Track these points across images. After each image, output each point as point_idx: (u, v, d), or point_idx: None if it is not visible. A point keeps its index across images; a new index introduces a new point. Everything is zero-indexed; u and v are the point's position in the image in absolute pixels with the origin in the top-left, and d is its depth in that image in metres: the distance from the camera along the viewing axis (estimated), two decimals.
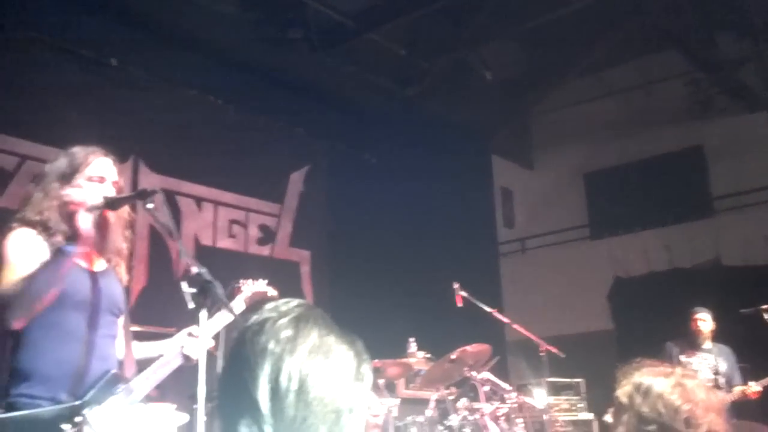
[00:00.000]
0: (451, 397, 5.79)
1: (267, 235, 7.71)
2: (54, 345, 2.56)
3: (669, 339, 6.53)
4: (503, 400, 5.61)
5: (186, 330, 2.93)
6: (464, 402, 5.59)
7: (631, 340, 8.45)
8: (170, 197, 6.66)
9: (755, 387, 6.14)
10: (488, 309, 5.91)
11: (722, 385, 6.21)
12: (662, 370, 1.84)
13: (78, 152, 2.79)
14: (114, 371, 2.67)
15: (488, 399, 5.54)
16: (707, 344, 6.43)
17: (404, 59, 8.03)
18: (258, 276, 3.58)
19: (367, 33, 7.46)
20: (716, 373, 6.29)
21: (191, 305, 2.45)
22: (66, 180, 2.72)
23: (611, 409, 1.90)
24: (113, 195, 2.74)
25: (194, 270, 2.46)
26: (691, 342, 6.45)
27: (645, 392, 1.79)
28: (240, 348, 1.17)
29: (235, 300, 3.35)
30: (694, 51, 8.85)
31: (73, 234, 2.64)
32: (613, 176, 10.46)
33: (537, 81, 9.41)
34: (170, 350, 2.90)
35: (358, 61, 7.82)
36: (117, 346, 2.81)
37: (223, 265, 6.46)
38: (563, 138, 10.58)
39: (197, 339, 2.86)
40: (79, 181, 2.72)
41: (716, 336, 6.48)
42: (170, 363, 2.87)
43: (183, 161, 6.93)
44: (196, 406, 2.40)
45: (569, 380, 7.69)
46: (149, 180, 6.56)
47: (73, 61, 6.20)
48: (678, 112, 9.64)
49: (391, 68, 8.14)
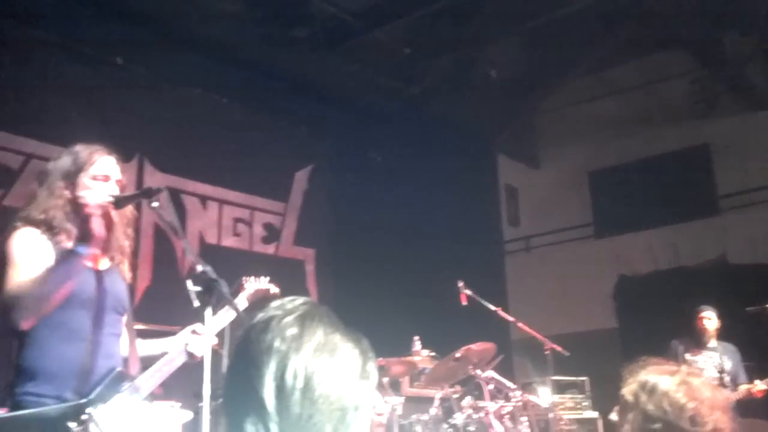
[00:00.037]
0: (456, 396, 5.79)
1: (272, 234, 7.71)
2: (60, 343, 2.56)
3: (674, 337, 6.51)
4: (508, 399, 5.60)
5: (190, 327, 2.93)
6: (469, 400, 5.58)
7: (636, 339, 8.42)
8: (175, 196, 6.67)
9: (761, 385, 6.11)
10: (493, 307, 5.91)
11: (727, 384, 6.20)
12: (668, 369, 1.83)
13: (81, 151, 2.78)
14: (119, 369, 2.67)
15: (493, 397, 5.54)
16: (712, 342, 6.42)
17: (408, 58, 8.02)
18: (263, 274, 3.59)
19: (371, 32, 7.45)
20: (721, 372, 6.28)
21: (196, 303, 2.45)
22: (70, 179, 2.71)
23: (617, 408, 1.89)
24: (118, 193, 2.74)
25: (199, 268, 2.46)
26: (697, 340, 6.44)
27: (650, 390, 1.78)
28: (246, 346, 1.17)
29: (238, 297, 3.36)
30: (700, 49, 8.83)
31: (85, 235, 2.63)
32: (619, 175, 10.42)
33: (541, 80, 9.38)
34: (174, 348, 2.90)
35: (362, 60, 7.81)
36: (121, 344, 2.82)
37: (228, 264, 6.46)
38: (569, 137, 10.55)
39: (201, 336, 2.87)
40: (84, 180, 2.71)
41: (721, 334, 6.47)
42: (174, 360, 2.87)
43: (188, 160, 6.95)
44: (202, 404, 2.40)
45: (574, 378, 7.69)
46: (154, 179, 6.57)
47: (79, 61, 6.20)
48: (683, 111, 9.60)
49: (395, 67, 8.12)
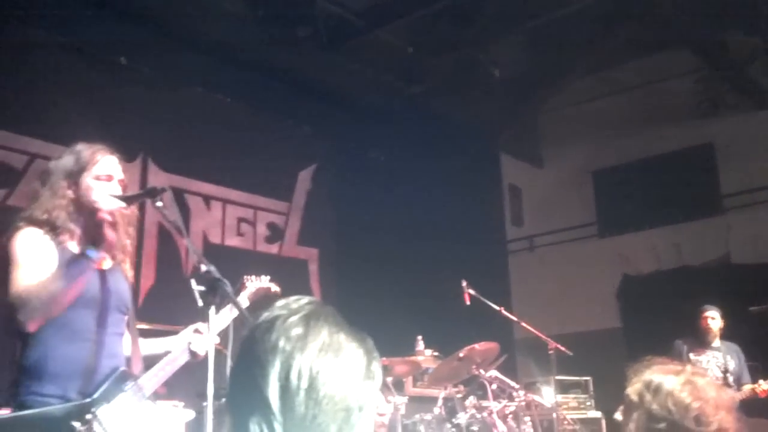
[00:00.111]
0: (459, 395, 5.79)
1: (275, 233, 7.72)
2: (64, 343, 2.56)
3: (678, 337, 6.51)
4: (511, 398, 5.60)
5: (192, 326, 2.93)
6: (472, 400, 5.59)
7: (640, 338, 8.41)
8: (179, 195, 6.68)
9: (765, 385, 6.11)
10: (496, 307, 5.91)
11: (731, 384, 6.19)
12: (672, 368, 1.83)
13: (84, 150, 2.77)
14: (123, 369, 2.67)
15: (496, 397, 5.54)
16: (716, 342, 6.41)
17: (410, 57, 8.01)
18: (266, 274, 3.59)
19: (373, 31, 7.45)
20: (725, 372, 6.27)
21: (200, 303, 2.45)
22: (73, 178, 2.70)
23: (621, 407, 1.89)
24: (121, 193, 2.74)
25: (203, 268, 2.46)
26: (700, 340, 6.43)
27: (655, 390, 1.78)
28: (250, 345, 1.17)
29: (240, 296, 3.36)
30: (704, 48, 8.80)
31: (97, 240, 2.64)
32: (622, 174, 10.40)
33: (544, 79, 9.37)
34: (177, 347, 2.90)
35: (364, 60, 7.80)
36: (124, 344, 2.82)
37: (232, 263, 6.43)
38: (572, 136, 10.52)
39: (204, 335, 2.87)
40: (87, 180, 2.70)
41: (725, 334, 6.46)
42: (177, 360, 2.87)
43: (191, 160, 6.95)
44: (205, 404, 2.40)
45: (577, 378, 7.68)
46: (158, 178, 6.57)
47: (82, 60, 6.21)
48: (686, 110, 9.58)
49: (398, 66, 8.11)
